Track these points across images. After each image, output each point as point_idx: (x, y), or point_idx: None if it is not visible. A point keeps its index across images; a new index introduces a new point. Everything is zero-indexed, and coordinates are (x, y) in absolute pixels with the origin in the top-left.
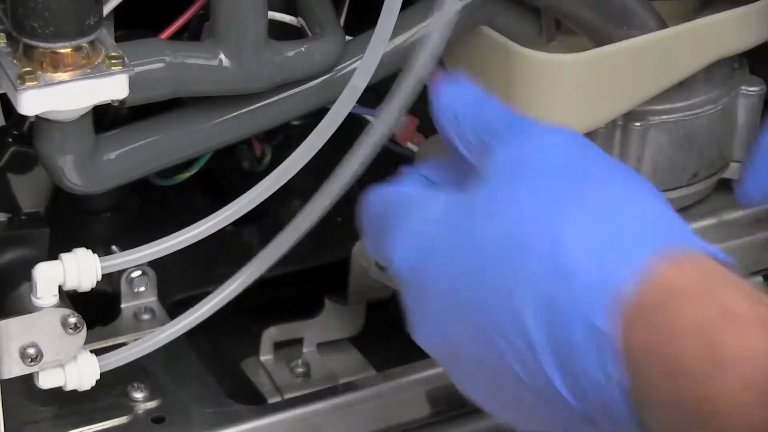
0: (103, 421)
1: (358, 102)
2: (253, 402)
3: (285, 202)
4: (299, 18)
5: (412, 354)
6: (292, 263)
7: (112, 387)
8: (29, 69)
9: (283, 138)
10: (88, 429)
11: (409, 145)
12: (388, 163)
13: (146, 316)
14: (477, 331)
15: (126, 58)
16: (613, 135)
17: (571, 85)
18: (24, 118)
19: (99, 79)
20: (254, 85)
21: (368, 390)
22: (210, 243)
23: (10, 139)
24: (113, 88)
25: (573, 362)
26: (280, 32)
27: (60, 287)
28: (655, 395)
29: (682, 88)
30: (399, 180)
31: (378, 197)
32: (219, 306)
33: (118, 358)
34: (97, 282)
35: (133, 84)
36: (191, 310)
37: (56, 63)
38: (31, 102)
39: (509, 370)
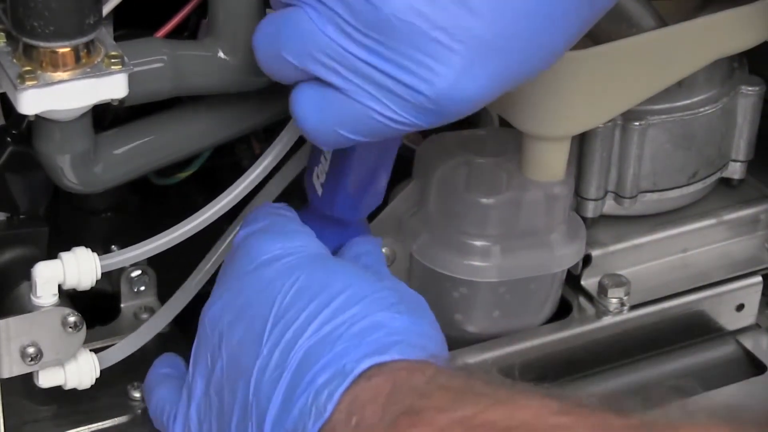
0: (103, 420)
1: None
2: None
3: (285, 201)
4: None
5: None
6: None
7: (112, 386)
8: (29, 68)
9: None
10: (87, 428)
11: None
12: None
13: (146, 316)
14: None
15: (125, 58)
16: (613, 134)
17: (570, 83)
18: (23, 117)
19: (98, 78)
20: (252, 81)
21: None
22: (210, 242)
23: (8, 139)
24: (113, 87)
25: None
26: None
27: (60, 286)
28: None
29: (682, 87)
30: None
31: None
32: (204, 280)
33: (116, 353)
34: (97, 281)
35: (132, 83)
36: (179, 290)
37: (56, 62)
38: (30, 101)
39: None
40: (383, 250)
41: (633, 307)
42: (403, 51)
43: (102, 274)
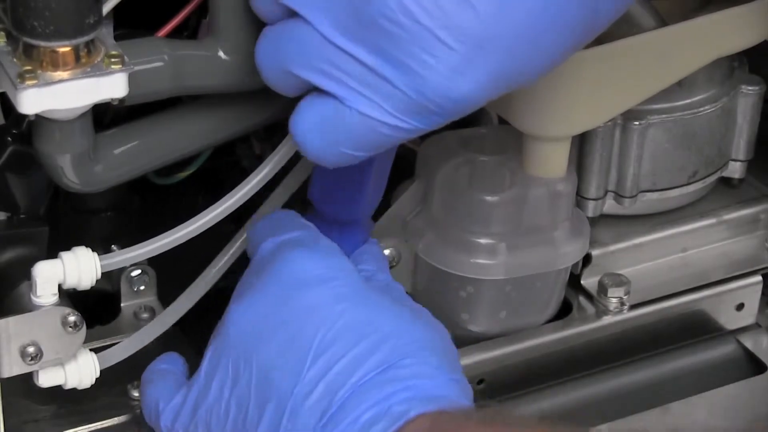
0: (103, 419)
1: None
2: None
3: (285, 202)
4: None
5: None
6: None
7: (112, 386)
8: (29, 68)
9: (283, 136)
10: (87, 428)
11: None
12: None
13: (146, 315)
14: None
15: (126, 57)
16: (613, 134)
17: (570, 83)
18: (23, 117)
19: (99, 77)
20: (252, 81)
21: None
22: (210, 242)
23: (9, 138)
24: (113, 86)
25: None
26: None
27: (60, 286)
28: None
29: (682, 87)
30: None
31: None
32: (210, 284)
33: (118, 354)
34: (97, 281)
35: (132, 82)
36: (183, 294)
37: (56, 62)
38: (30, 101)
39: None
40: (386, 252)
41: (633, 307)
42: (401, 48)
43: (102, 273)
